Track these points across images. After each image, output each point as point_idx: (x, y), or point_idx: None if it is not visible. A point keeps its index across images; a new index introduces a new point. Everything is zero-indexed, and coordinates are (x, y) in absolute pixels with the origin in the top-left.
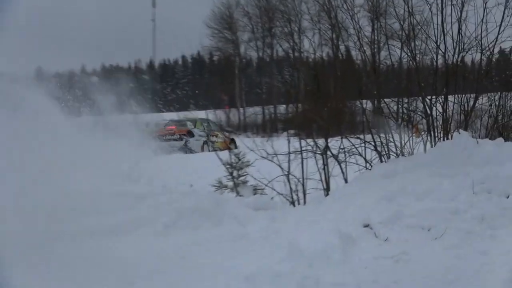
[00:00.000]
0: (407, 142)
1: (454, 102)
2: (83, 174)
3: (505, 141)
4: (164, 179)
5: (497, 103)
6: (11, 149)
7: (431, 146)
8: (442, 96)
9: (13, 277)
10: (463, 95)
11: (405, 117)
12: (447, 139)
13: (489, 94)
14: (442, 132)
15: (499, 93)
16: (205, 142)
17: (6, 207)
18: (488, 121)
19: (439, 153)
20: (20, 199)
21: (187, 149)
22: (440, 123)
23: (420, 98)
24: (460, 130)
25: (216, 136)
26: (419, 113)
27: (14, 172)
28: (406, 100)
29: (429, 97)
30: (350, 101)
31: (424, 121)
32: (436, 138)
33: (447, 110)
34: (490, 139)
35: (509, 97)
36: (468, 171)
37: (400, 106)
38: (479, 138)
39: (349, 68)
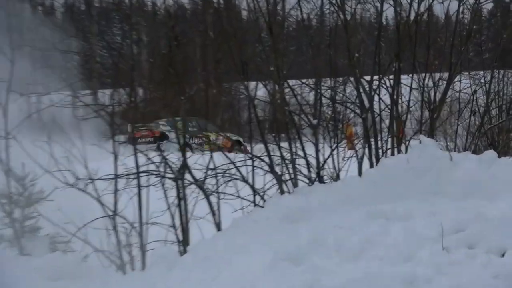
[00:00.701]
0: (329, 157)
1: (411, 87)
2: None
3: (499, 156)
4: None
5: (487, 87)
6: None
7: (371, 165)
8: (391, 77)
9: None
10: (428, 75)
11: (327, 113)
12: (399, 152)
13: (473, 72)
14: (390, 139)
15: (491, 70)
16: (186, 145)
17: None
18: (471, 120)
19: (384, 177)
20: None
21: (161, 152)
22: (388, 124)
23: (352, 79)
24: (422, 136)
25: (207, 137)
26: (351, 106)
27: None
28: (328, 83)
29: (368, 78)
30: (228, 83)
31: (360, 120)
32: (380, 151)
33: (400, 102)
34: (473, 152)
35: (509, 78)
36: (434, 210)
37: (318, 93)
38: (455, 150)
39: (228, 24)
